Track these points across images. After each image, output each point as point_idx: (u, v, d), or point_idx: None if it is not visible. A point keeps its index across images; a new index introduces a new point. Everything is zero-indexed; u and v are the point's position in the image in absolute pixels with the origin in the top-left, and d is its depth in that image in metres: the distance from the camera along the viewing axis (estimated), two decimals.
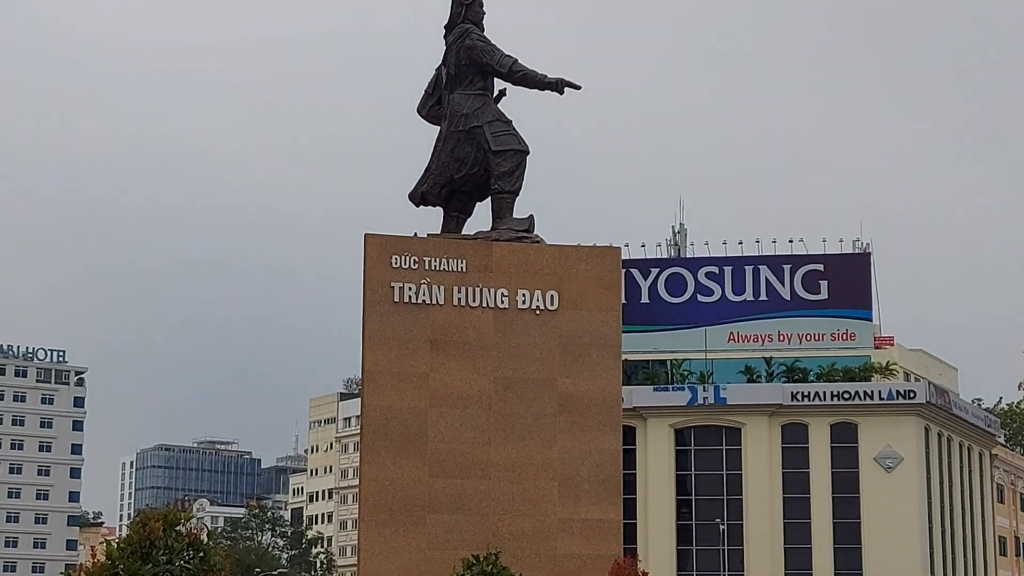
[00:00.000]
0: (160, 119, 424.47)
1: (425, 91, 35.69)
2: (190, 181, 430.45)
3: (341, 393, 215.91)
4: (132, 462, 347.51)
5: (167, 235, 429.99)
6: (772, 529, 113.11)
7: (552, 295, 33.49)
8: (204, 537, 13.48)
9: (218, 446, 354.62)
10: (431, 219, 35.32)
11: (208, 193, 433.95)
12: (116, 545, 13.37)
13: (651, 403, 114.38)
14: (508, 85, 35.29)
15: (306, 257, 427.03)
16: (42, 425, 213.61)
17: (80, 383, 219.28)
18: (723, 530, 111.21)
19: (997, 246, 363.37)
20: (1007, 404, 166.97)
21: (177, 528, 13.54)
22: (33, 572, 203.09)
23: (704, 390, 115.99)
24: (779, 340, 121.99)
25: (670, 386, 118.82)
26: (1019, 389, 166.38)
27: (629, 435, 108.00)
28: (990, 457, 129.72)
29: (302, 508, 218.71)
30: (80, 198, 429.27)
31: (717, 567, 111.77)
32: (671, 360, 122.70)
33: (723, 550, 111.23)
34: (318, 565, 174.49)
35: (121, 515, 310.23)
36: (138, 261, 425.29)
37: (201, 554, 13.57)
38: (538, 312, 33.44)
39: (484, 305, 33.22)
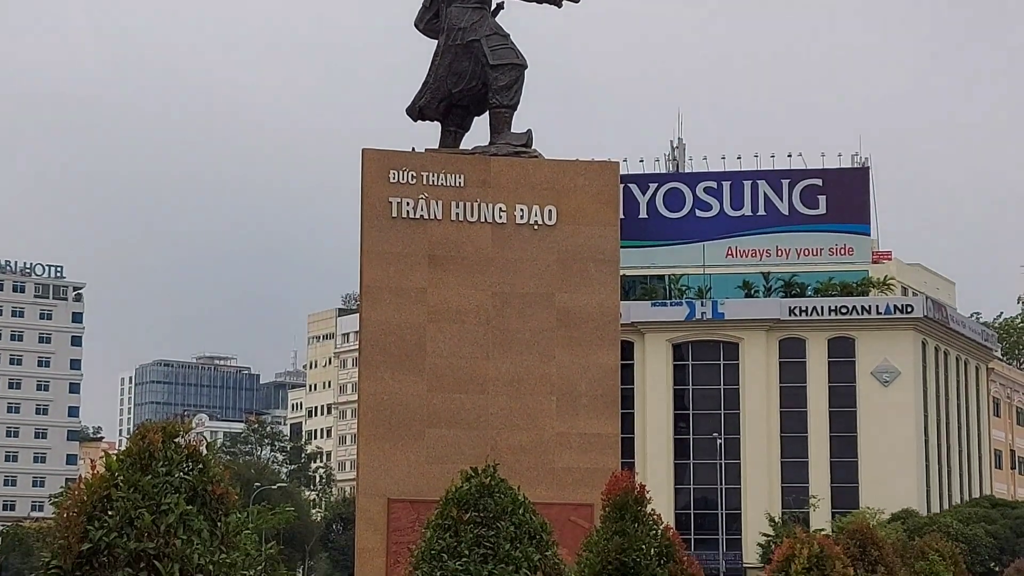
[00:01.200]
0: (161, 34, 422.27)
1: (423, 4, 35.43)
2: (190, 96, 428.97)
3: (339, 309, 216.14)
4: (131, 377, 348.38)
5: (167, 150, 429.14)
6: (769, 443, 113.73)
7: (550, 210, 33.39)
8: (203, 449, 13.54)
9: (217, 362, 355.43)
10: (429, 134, 35.24)
11: (207, 109, 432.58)
12: (115, 457, 13.44)
13: (649, 318, 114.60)
14: None
15: (305, 172, 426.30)
16: (41, 340, 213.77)
17: (78, 298, 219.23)
18: (720, 444, 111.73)
19: (996, 160, 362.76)
20: (1006, 318, 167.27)
21: (176, 440, 13.59)
22: (33, 486, 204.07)
23: (702, 305, 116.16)
24: (777, 255, 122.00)
25: (668, 301, 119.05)
26: (1018, 303, 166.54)
27: (627, 350, 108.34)
28: (987, 371, 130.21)
29: (301, 423, 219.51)
30: (79, 111, 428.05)
31: (714, 481, 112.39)
32: (669, 275, 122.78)
33: (720, 464, 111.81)
34: (317, 480, 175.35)
35: (121, 430, 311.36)
36: (136, 175, 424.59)
37: (200, 465, 13.62)
38: (536, 227, 33.34)
39: (482, 220, 33.11)
